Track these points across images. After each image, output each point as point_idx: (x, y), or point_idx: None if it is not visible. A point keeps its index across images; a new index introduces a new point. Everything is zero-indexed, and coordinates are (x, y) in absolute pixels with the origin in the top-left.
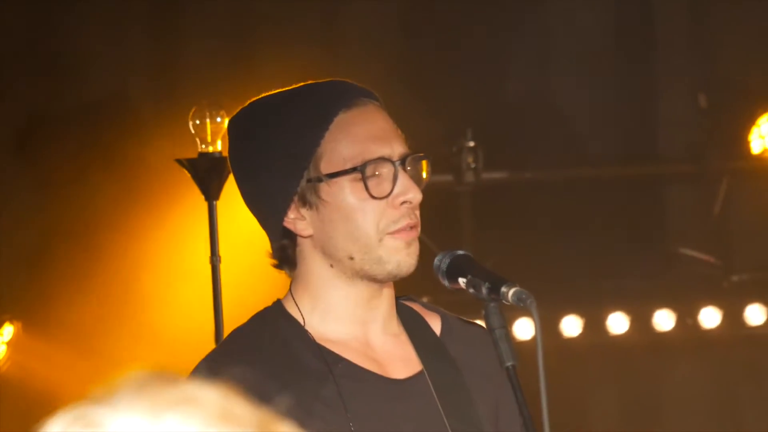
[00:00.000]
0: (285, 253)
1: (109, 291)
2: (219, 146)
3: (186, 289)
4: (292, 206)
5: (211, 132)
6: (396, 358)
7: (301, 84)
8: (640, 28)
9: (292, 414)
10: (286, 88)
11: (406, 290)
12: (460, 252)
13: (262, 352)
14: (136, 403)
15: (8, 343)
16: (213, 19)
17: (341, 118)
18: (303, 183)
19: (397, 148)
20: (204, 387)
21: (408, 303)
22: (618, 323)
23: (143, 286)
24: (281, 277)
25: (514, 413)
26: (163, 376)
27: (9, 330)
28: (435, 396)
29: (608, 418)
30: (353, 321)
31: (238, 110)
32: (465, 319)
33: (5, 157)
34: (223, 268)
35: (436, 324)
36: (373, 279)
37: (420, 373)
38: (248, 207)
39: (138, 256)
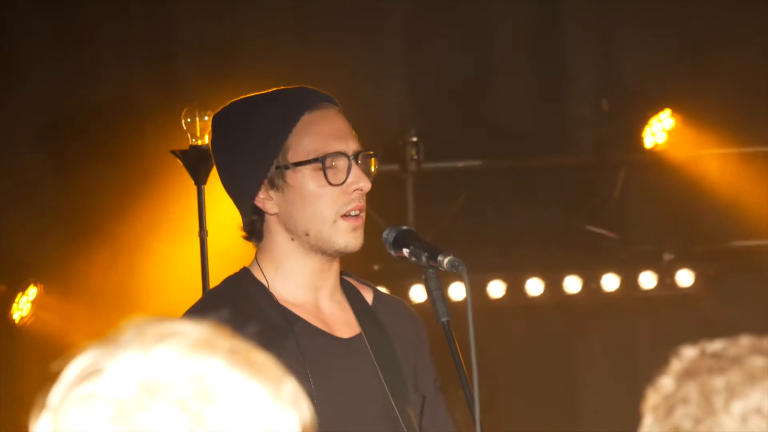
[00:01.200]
0: (254, 227)
1: (117, 258)
2: (206, 140)
3: (180, 257)
4: (263, 188)
5: (200, 128)
6: (340, 321)
7: (275, 89)
8: (554, 41)
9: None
10: (262, 92)
11: (373, 259)
12: (404, 227)
13: (234, 307)
14: (132, 344)
15: (32, 302)
16: (202, 36)
17: (307, 118)
18: (272, 169)
19: (351, 145)
20: (187, 324)
21: (346, 277)
22: (534, 287)
23: (145, 255)
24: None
25: (428, 371)
26: (156, 320)
27: (33, 291)
28: (371, 353)
29: (526, 366)
30: (308, 287)
31: (220, 108)
32: (388, 293)
33: (31, 149)
34: (210, 240)
35: (368, 295)
36: (324, 253)
37: (359, 334)
38: (225, 188)
39: (140, 230)
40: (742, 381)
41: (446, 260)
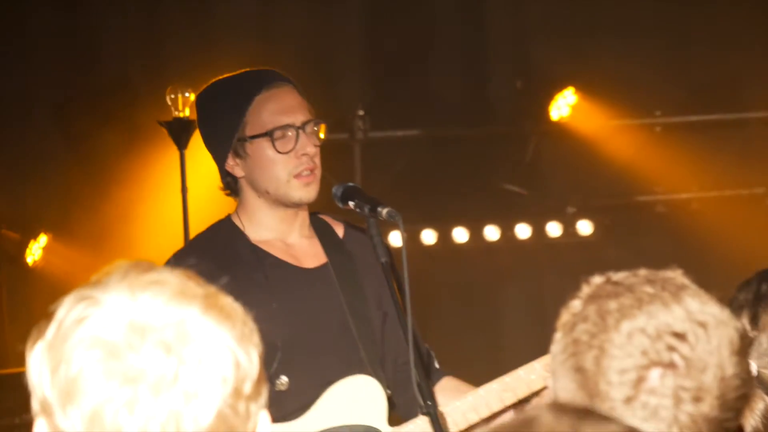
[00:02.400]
0: (230, 186)
1: (115, 211)
2: (187, 112)
3: (165, 209)
4: (230, 156)
5: (182, 103)
6: (308, 254)
7: (240, 71)
8: (477, 34)
9: (232, 291)
10: (230, 74)
11: (327, 211)
12: (350, 184)
13: (214, 248)
14: (120, 285)
15: (43, 248)
16: (185, 25)
17: (261, 97)
18: (235, 141)
19: (299, 117)
20: (169, 273)
21: (323, 216)
22: (460, 235)
23: (138, 207)
24: (228, 201)
25: (391, 299)
26: (140, 266)
27: (44, 239)
28: (335, 279)
29: (453, 301)
30: (277, 231)
31: (201, 89)
32: (362, 227)
33: (43, 120)
34: (190, 196)
35: (340, 230)
36: (285, 206)
37: (325, 264)
38: (212, 156)
39: (133, 188)
40: (631, 305)
41: (385, 211)
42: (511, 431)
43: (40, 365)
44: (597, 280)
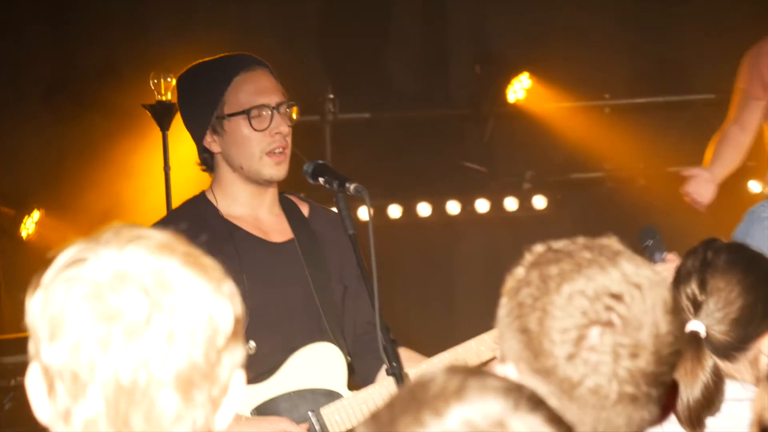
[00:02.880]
0: (206, 161)
1: (103, 188)
2: (169, 96)
3: (149, 186)
4: (208, 133)
5: (164, 87)
6: (276, 229)
7: (219, 55)
8: (438, 21)
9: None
10: (209, 58)
11: (299, 188)
12: (320, 161)
13: (188, 221)
14: (110, 242)
15: (36, 223)
16: (167, 14)
17: (240, 78)
18: (214, 119)
19: (274, 98)
20: (154, 231)
21: (290, 196)
22: (424, 209)
23: (124, 184)
24: (205, 178)
25: (352, 268)
26: (130, 226)
27: (37, 214)
28: (300, 255)
29: (416, 272)
30: (248, 206)
31: (182, 71)
32: (325, 207)
33: (37, 106)
34: (171, 174)
35: (305, 209)
36: (257, 182)
37: (291, 240)
38: (189, 132)
39: (119, 166)
40: (571, 269)
41: (352, 186)
42: (408, 392)
43: (35, 307)
44: (539, 248)
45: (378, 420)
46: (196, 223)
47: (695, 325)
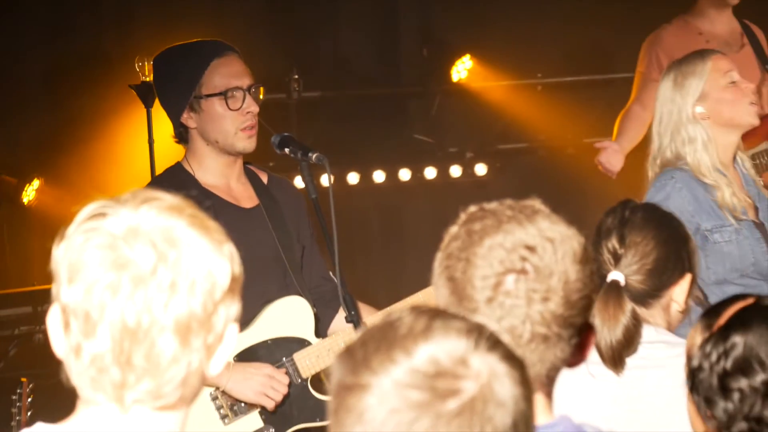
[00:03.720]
0: (182, 135)
1: (95, 159)
2: (152, 77)
3: (135, 157)
4: (186, 110)
5: (148, 69)
6: (245, 196)
7: (194, 41)
8: (387, 9)
9: None
10: (184, 42)
11: (269, 159)
12: (286, 134)
13: (171, 188)
14: (128, 202)
15: (36, 190)
16: (152, 5)
17: (215, 63)
18: (192, 98)
19: (246, 81)
20: (167, 194)
21: (250, 166)
22: (379, 176)
23: (114, 155)
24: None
25: (307, 229)
26: (146, 190)
27: (37, 182)
28: (267, 218)
29: (373, 233)
30: (221, 175)
31: (158, 52)
32: (280, 175)
33: (35, 84)
34: (155, 146)
35: (264, 177)
36: (229, 154)
37: (258, 205)
38: (163, 109)
39: (109, 139)
40: (492, 225)
41: (314, 156)
42: (378, 332)
43: (59, 254)
44: (472, 208)
45: (353, 357)
46: (178, 189)
47: (616, 275)
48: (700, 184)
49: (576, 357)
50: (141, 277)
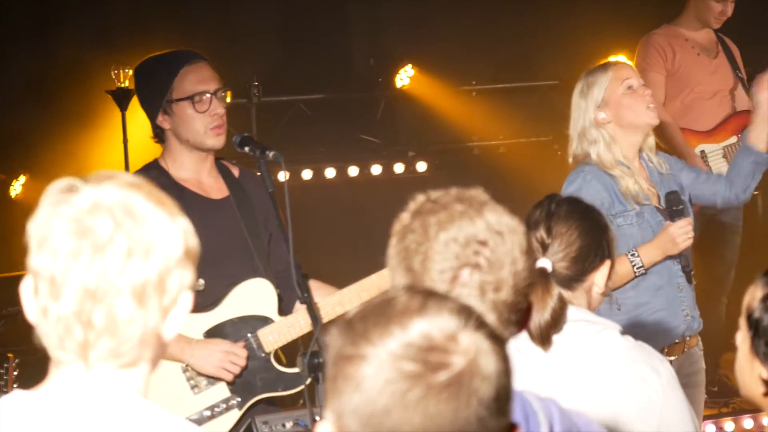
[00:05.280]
0: (159, 136)
1: (76, 157)
2: (127, 83)
3: (110, 154)
4: (161, 113)
5: (123, 76)
6: (215, 189)
7: (167, 51)
8: (339, 22)
9: None
10: (159, 53)
11: (232, 158)
12: (246, 134)
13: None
14: (91, 179)
15: (23, 185)
16: (126, 17)
17: (185, 70)
18: (164, 102)
19: (212, 85)
20: (126, 174)
21: (223, 162)
22: (330, 172)
23: (92, 154)
24: (154, 151)
25: (273, 219)
26: (109, 172)
27: (23, 178)
28: (236, 208)
29: (325, 224)
30: (193, 170)
31: (138, 63)
32: (251, 170)
33: (21, 89)
34: (129, 146)
35: (236, 172)
36: (201, 150)
37: (228, 196)
38: (144, 113)
39: (88, 139)
40: (446, 220)
41: (271, 153)
42: (376, 308)
43: (31, 226)
44: (420, 197)
45: (353, 329)
46: (155, 183)
47: (544, 263)
48: (607, 176)
49: (517, 329)
50: (100, 244)
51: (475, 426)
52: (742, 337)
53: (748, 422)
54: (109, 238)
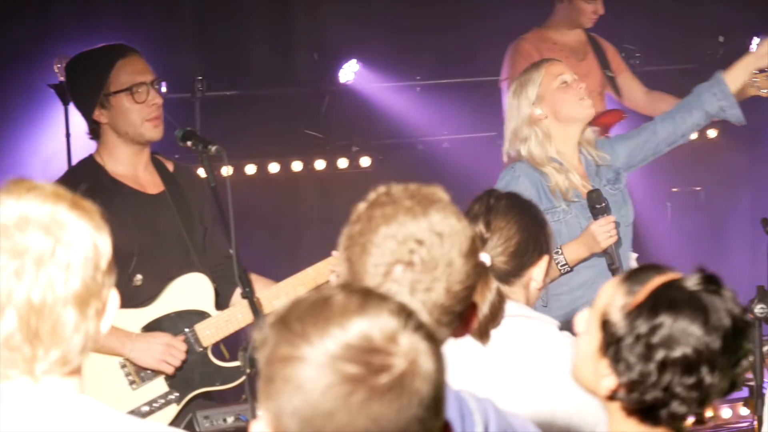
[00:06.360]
0: (94, 130)
1: (17, 150)
2: None
3: (54, 148)
4: (97, 107)
5: (64, 72)
6: (151, 183)
7: (99, 46)
8: (282, 18)
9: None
10: (90, 49)
11: (174, 152)
12: (188, 128)
13: (82, 179)
14: (9, 192)
15: None
16: (68, 15)
17: (120, 63)
18: (101, 96)
19: (149, 77)
20: (47, 183)
21: (158, 156)
22: (274, 167)
23: (34, 147)
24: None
25: (209, 213)
26: (26, 179)
27: None
28: (171, 203)
29: (267, 216)
30: (130, 164)
31: (71, 59)
32: (186, 164)
33: None
34: (72, 139)
35: (170, 166)
36: (138, 143)
37: (163, 191)
38: (77, 109)
39: (31, 132)
40: (390, 214)
41: (214, 148)
42: (313, 307)
43: None
44: (381, 188)
45: (290, 329)
46: (89, 180)
47: (483, 257)
48: (538, 173)
49: (460, 330)
50: (41, 259)
51: (416, 426)
52: (591, 334)
53: (726, 412)
54: (50, 252)
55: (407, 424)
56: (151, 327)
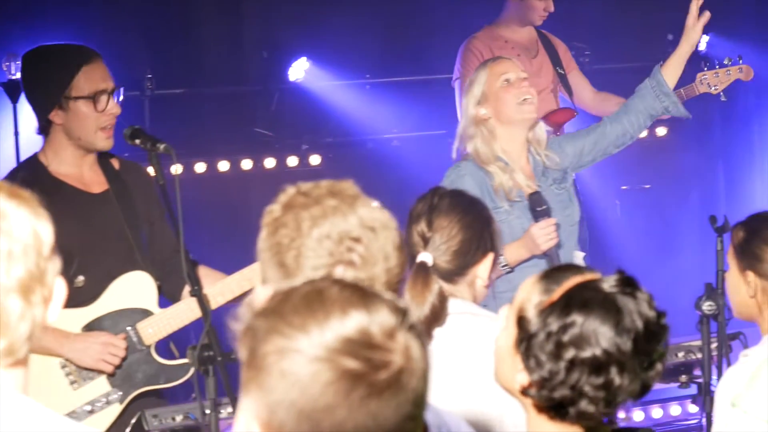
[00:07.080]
0: (45, 129)
1: None
2: (18, 75)
3: (3, 145)
4: (56, 108)
5: (14, 68)
6: (95, 182)
7: (65, 44)
8: (232, 16)
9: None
10: (54, 45)
11: (124, 151)
12: (137, 126)
13: (23, 177)
14: None
15: None
16: (18, 12)
17: (85, 68)
18: (62, 98)
19: (111, 86)
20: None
21: (104, 154)
22: (223, 165)
23: None
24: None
25: (155, 209)
26: None
27: None
28: (115, 201)
29: (217, 215)
30: (75, 166)
31: (29, 52)
32: (132, 162)
33: None
34: (21, 138)
35: (116, 164)
36: (88, 150)
37: (107, 189)
38: (30, 104)
39: None
40: (320, 215)
41: (162, 146)
42: (307, 299)
43: None
44: (290, 189)
45: (286, 321)
46: (31, 180)
47: (424, 256)
48: (482, 172)
49: None
50: None
51: (410, 423)
52: (508, 330)
53: (675, 409)
54: None
55: (403, 420)
56: (92, 326)
